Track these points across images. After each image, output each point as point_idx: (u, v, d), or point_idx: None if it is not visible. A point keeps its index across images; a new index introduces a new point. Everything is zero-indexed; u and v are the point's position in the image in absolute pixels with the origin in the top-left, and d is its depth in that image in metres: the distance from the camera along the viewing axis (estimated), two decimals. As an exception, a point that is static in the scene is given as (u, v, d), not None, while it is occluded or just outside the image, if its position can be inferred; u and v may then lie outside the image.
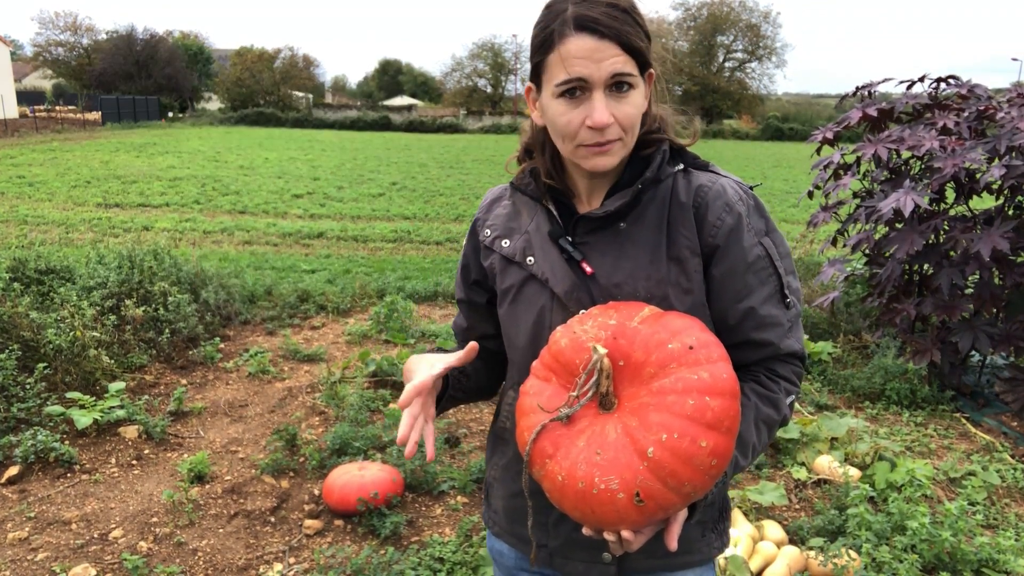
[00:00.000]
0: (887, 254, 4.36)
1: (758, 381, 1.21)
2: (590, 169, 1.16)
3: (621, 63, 1.09)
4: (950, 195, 4.30)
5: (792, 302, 1.22)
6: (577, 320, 1.13)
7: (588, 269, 1.21)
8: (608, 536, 1.04)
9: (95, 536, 2.99)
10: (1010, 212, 4.10)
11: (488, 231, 1.34)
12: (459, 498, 3.32)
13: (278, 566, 2.83)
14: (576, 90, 1.11)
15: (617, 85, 1.11)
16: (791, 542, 2.93)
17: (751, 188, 1.24)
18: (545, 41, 1.13)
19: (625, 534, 1.02)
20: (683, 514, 1.08)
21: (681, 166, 1.23)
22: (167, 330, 4.86)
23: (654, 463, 0.97)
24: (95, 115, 38.25)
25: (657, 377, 1.02)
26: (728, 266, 1.18)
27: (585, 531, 1.08)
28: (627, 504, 0.98)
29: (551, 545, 1.30)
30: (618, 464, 0.99)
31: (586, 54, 1.08)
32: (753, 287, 1.18)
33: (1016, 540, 2.88)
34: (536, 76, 1.18)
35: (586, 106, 1.11)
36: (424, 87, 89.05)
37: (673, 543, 1.06)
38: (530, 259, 1.26)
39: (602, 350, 1.03)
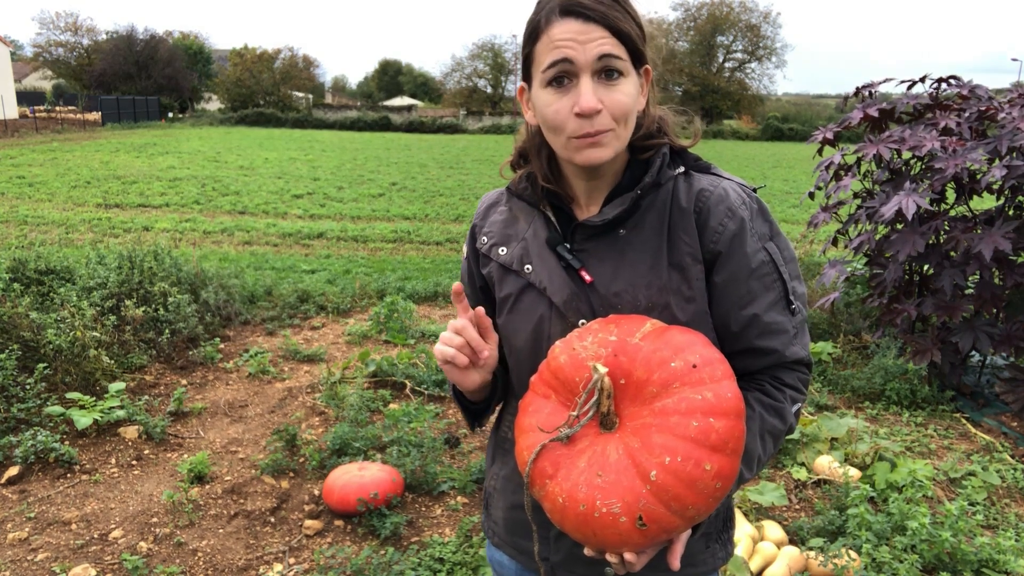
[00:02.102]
0: (888, 255, 4.36)
1: (763, 390, 1.17)
2: (583, 163, 1.11)
3: (609, 45, 1.06)
4: (951, 195, 4.30)
5: (797, 308, 1.17)
6: (577, 336, 1.08)
7: (587, 277, 1.17)
8: (611, 558, 1.02)
9: (95, 536, 2.99)
10: (1011, 212, 4.10)
11: (485, 238, 1.29)
12: (459, 498, 3.32)
13: (278, 566, 2.83)
14: (564, 78, 1.08)
15: (607, 73, 1.07)
16: (791, 542, 2.93)
17: (754, 191, 1.20)
18: (533, 31, 1.11)
19: (628, 556, 1.00)
20: (687, 533, 1.05)
21: (682, 169, 1.18)
22: (167, 330, 4.86)
23: (657, 487, 0.95)
24: (95, 115, 38.28)
25: (660, 397, 0.99)
26: (731, 272, 1.13)
27: (587, 552, 1.05)
28: (629, 528, 0.96)
29: (553, 560, 1.27)
30: (620, 487, 0.96)
31: (572, 35, 1.05)
32: (757, 293, 1.14)
33: (1016, 540, 2.88)
34: (527, 71, 1.15)
35: (574, 93, 1.07)
36: (424, 87, 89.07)
37: (676, 563, 1.03)
38: (528, 267, 1.22)
39: (602, 369, 0.99)
